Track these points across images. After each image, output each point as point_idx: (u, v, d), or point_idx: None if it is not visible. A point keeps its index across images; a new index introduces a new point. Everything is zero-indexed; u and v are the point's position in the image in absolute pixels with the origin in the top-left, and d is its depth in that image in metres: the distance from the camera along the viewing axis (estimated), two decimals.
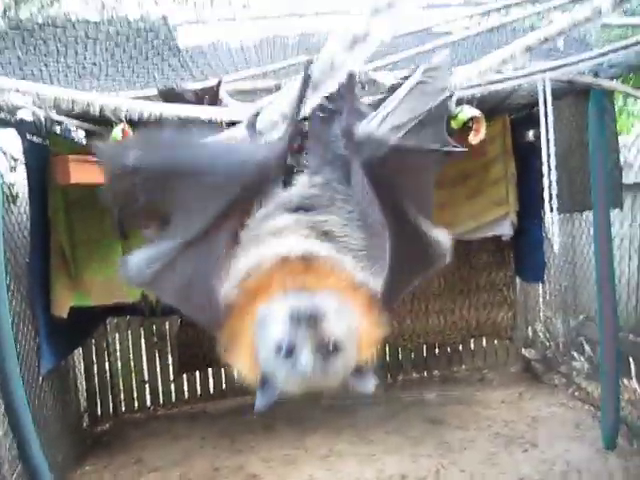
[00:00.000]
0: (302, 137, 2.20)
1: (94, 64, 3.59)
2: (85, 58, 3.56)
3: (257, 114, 2.11)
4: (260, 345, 1.63)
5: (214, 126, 3.19)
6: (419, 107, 2.07)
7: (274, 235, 1.89)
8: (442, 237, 1.94)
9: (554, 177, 4.45)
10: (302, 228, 1.90)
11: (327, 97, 2.08)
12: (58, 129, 4.97)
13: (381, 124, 1.98)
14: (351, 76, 2.06)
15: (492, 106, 5.83)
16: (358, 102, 2.27)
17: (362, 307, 1.73)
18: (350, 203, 1.99)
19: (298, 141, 2.15)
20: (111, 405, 7.08)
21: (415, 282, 2.07)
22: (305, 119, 2.16)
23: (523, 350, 7.37)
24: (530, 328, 7.29)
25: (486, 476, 4.96)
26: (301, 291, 1.64)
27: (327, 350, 1.49)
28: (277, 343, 1.56)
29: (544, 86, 4.43)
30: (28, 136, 4.78)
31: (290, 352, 1.52)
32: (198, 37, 4.44)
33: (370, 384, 1.68)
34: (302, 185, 2.07)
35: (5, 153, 4.36)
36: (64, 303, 4.91)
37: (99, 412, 6.97)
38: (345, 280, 1.76)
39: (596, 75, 4.65)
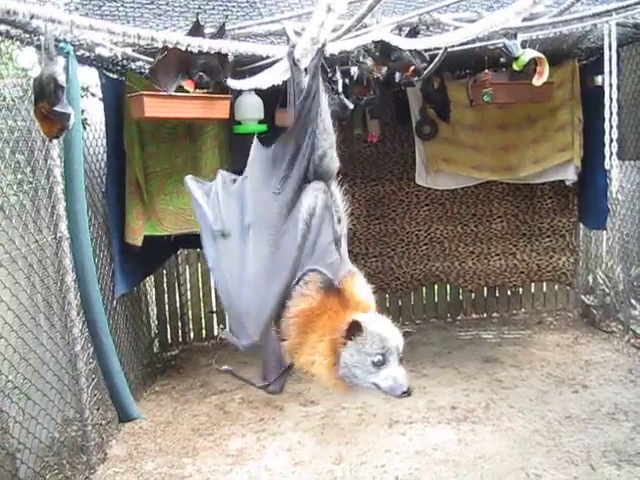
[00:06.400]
0: None
1: (167, 4, 3.75)
2: None
3: (294, 45, 2.27)
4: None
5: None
6: None
7: None
8: None
9: (615, 122, 4.47)
10: None
11: None
12: (134, 66, 5.20)
13: None
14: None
15: (561, 51, 5.80)
16: None
17: None
18: None
19: None
20: (180, 332, 7.41)
21: None
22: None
23: (582, 296, 7.38)
24: (591, 275, 7.29)
25: (534, 412, 5.09)
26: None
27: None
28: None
29: (609, 29, 4.42)
30: (105, 72, 5.03)
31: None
32: None
33: None
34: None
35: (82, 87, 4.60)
36: (137, 232, 5.16)
37: (169, 338, 7.31)
38: None
39: None
